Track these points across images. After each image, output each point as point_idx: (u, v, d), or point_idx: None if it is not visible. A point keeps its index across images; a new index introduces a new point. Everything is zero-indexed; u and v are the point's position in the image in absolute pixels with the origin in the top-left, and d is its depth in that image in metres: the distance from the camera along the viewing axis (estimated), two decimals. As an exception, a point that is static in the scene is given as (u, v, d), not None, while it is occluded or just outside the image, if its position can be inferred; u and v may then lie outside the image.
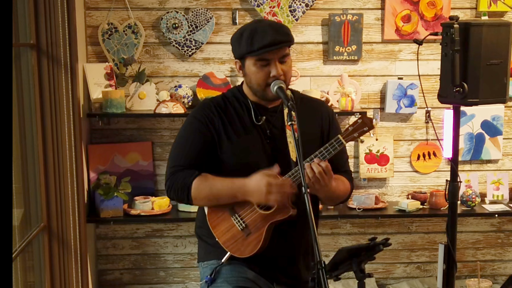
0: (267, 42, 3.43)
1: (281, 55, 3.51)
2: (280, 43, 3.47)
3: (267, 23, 3.55)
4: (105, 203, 5.52)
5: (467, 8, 5.97)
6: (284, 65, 3.53)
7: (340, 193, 3.65)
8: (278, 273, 3.67)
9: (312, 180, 3.37)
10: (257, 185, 3.42)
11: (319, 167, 3.36)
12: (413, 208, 5.81)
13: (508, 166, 6.23)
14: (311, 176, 3.37)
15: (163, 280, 6.20)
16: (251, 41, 3.45)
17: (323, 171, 3.36)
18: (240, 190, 3.49)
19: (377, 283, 6.23)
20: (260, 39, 3.43)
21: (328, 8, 5.89)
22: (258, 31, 3.46)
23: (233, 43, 3.59)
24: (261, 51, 3.44)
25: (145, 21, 5.80)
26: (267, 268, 3.64)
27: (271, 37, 3.43)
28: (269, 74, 3.48)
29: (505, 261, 6.39)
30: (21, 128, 4.57)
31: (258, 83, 3.51)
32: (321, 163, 3.38)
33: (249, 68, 3.53)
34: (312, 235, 3.01)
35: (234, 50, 3.59)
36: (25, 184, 4.66)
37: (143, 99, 5.72)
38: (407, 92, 5.94)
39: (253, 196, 3.46)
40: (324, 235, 6.17)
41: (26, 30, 4.68)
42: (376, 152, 6.05)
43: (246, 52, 3.48)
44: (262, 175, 3.44)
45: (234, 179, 3.51)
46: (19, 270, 4.41)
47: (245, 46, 3.47)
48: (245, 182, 3.47)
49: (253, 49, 3.45)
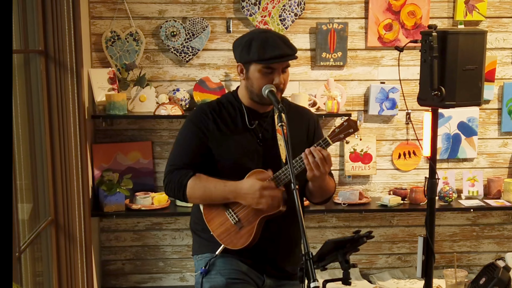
0: (279, 53, 3.44)
1: (285, 65, 3.53)
2: (289, 55, 3.48)
3: (276, 35, 3.55)
4: (108, 198, 5.51)
5: (444, 18, 5.98)
6: (285, 74, 3.54)
7: (330, 187, 3.64)
8: (268, 265, 3.66)
9: (312, 166, 3.35)
10: (250, 190, 3.42)
11: (320, 154, 3.35)
12: (395, 203, 5.81)
13: (483, 164, 6.23)
14: (311, 161, 3.35)
15: (162, 270, 6.18)
16: (263, 50, 3.44)
17: (323, 158, 3.35)
18: (232, 193, 3.48)
19: (361, 273, 6.22)
20: (272, 49, 3.43)
21: (315, 17, 5.88)
22: (269, 42, 3.45)
23: (240, 48, 3.55)
24: (272, 61, 3.44)
25: (146, 29, 5.79)
26: (257, 261, 3.63)
27: (282, 50, 3.44)
28: (271, 81, 3.48)
29: (480, 252, 6.39)
30: (30, 129, 4.55)
31: (260, 88, 3.50)
32: (322, 151, 3.37)
33: (253, 74, 3.51)
34: (301, 228, 3.01)
35: (240, 55, 3.56)
36: (34, 180, 4.65)
37: (143, 101, 5.71)
38: (389, 96, 5.94)
39: (245, 199, 3.46)
40: (311, 228, 6.16)
41: (35, 37, 4.67)
42: (360, 151, 6.05)
43: (256, 59, 3.46)
44: (254, 180, 3.44)
45: (227, 182, 3.50)
46: (28, 261, 4.39)
47: (256, 53, 3.45)
48: (237, 185, 3.47)
49: (265, 57, 3.44)
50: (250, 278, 3.63)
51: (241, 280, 3.59)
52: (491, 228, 6.36)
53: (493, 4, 6.00)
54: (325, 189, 3.62)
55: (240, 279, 3.59)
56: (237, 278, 3.58)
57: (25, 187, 4.43)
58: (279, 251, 3.66)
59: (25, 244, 4.21)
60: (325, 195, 3.71)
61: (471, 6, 5.88)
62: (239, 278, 3.59)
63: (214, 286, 3.59)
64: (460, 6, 5.88)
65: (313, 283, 2.87)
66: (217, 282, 3.58)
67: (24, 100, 4.43)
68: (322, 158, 3.35)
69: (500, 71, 6.09)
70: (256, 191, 3.41)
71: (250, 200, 3.44)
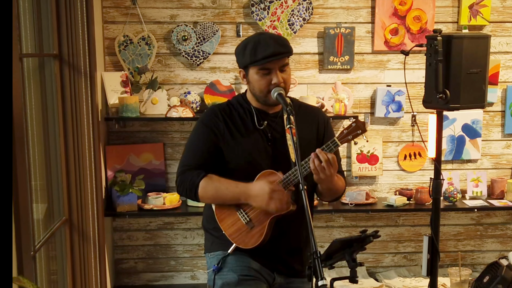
0: (269, 53, 3.42)
1: (282, 64, 3.50)
2: (281, 54, 3.46)
3: (269, 35, 3.54)
4: (121, 199, 5.53)
5: (449, 22, 5.98)
6: (284, 73, 3.52)
7: (338, 187, 3.61)
8: (278, 264, 3.67)
9: (318, 169, 3.35)
10: (260, 192, 3.42)
11: (325, 156, 3.34)
12: (400, 203, 5.81)
13: (486, 166, 6.23)
14: (317, 165, 3.35)
15: (173, 269, 6.20)
16: (254, 52, 3.44)
17: (329, 161, 3.35)
18: (243, 195, 3.48)
19: (368, 271, 6.22)
20: (263, 50, 3.43)
21: (323, 22, 5.89)
22: (261, 43, 3.45)
23: (238, 54, 3.58)
24: (264, 61, 3.43)
25: (158, 33, 5.80)
26: (268, 259, 3.63)
27: (273, 49, 3.43)
28: (270, 81, 3.47)
29: (484, 251, 6.39)
30: (45, 131, 4.57)
31: (261, 90, 3.50)
32: (327, 154, 3.36)
33: (252, 77, 3.51)
34: (309, 228, 3.02)
35: (239, 60, 3.58)
36: (48, 181, 4.66)
37: (155, 104, 5.72)
38: (395, 98, 5.94)
39: (255, 201, 3.45)
40: (319, 227, 6.17)
41: (49, 41, 4.68)
42: (366, 153, 6.05)
43: (250, 62, 3.47)
44: (265, 182, 3.44)
45: (238, 183, 3.50)
46: (43, 259, 4.40)
47: (249, 56, 3.46)
48: (248, 187, 3.47)
49: (257, 59, 3.44)
50: (261, 276, 3.63)
51: (253, 277, 3.60)
52: (494, 227, 6.35)
53: (497, 9, 6.00)
54: (334, 189, 3.60)
55: (252, 276, 3.60)
56: (249, 275, 3.59)
57: (40, 188, 4.44)
58: (288, 249, 3.67)
59: (40, 243, 4.22)
60: (334, 195, 3.70)
61: (475, 11, 5.88)
62: (251, 275, 3.60)
63: (227, 282, 3.60)
64: (465, 11, 5.88)
65: (321, 281, 2.88)
66: (230, 279, 3.59)
67: (39, 103, 4.45)
68: (327, 161, 3.35)
69: (504, 74, 6.09)
70: (266, 194, 3.40)
71: (260, 203, 3.44)
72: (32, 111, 4.21)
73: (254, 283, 3.60)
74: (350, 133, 3.43)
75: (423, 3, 5.89)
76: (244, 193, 3.48)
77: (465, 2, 5.88)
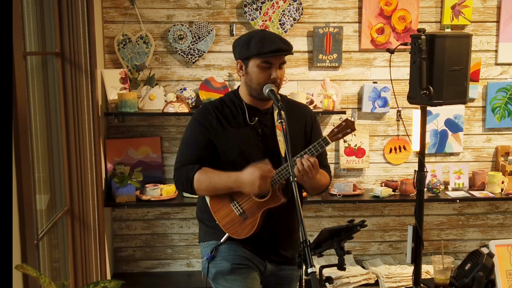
0: (276, 48, 3.44)
1: (281, 61, 3.52)
2: (285, 51, 3.49)
3: (273, 33, 3.59)
4: (120, 190, 5.53)
5: (432, 22, 5.98)
6: (281, 71, 3.54)
7: (321, 184, 3.65)
8: (269, 252, 3.67)
9: (301, 173, 3.39)
10: (250, 178, 3.43)
11: (308, 162, 3.37)
12: (386, 195, 5.82)
13: (468, 158, 6.24)
14: (301, 169, 3.38)
15: (170, 256, 6.20)
16: (261, 45, 3.45)
17: (311, 165, 3.38)
18: (235, 183, 3.49)
19: (355, 259, 6.23)
20: (270, 44, 3.44)
21: (312, 21, 5.89)
22: (267, 38, 3.48)
23: (240, 45, 3.55)
24: (270, 55, 3.44)
25: (155, 32, 5.80)
26: (260, 248, 3.64)
27: (279, 45, 3.45)
28: (269, 76, 3.48)
29: (465, 240, 6.40)
30: (47, 125, 4.56)
31: (259, 82, 3.50)
32: (310, 158, 3.39)
33: (252, 69, 3.51)
34: (299, 218, 3.03)
35: (240, 52, 3.56)
36: (51, 173, 4.65)
37: (153, 100, 5.72)
38: (381, 94, 5.94)
39: (246, 187, 3.46)
40: (309, 217, 6.17)
41: (52, 40, 4.67)
42: (354, 146, 6.06)
43: (255, 53, 3.47)
44: (254, 168, 3.44)
45: (230, 173, 3.51)
46: (46, 248, 4.40)
47: (255, 48, 3.46)
48: (239, 175, 3.47)
49: (263, 51, 3.44)
50: (253, 264, 3.64)
51: (245, 265, 3.61)
52: (475, 217, 6.37)
53: (478, 10, 6.00)
54: (316, 187, 3.65)
55: (244, 265, 3.60)
56: (241, 264, 3.60)
57: (43, 179, 4.43)
58: (279, 239, 3.67)
59: (43, 232, 4.22)
60: (317, 190, 3.74)
61: (457, 11, 5.89)
62: (243, 263, 3.60)
63: (220, 271, 3.61)
64: (447, 11, 5.89)
65: (310, 268, 2.90)
66: (223, 267, 3.60)
67: (42, 98, 4.44)
68: (309, 166, 3.39)
69: (484, 71, 6.10)
70: (256, 179, 3.41)
71: (250, 188, 3.45)
72: (35, 106, 4.20)
73: (246, 271, 3.60)
74: (340, 131, 3.46)
75: (408, 4, 5.89)
76: (236, 181, 3.48)
77: (448, 3, 5.89)
